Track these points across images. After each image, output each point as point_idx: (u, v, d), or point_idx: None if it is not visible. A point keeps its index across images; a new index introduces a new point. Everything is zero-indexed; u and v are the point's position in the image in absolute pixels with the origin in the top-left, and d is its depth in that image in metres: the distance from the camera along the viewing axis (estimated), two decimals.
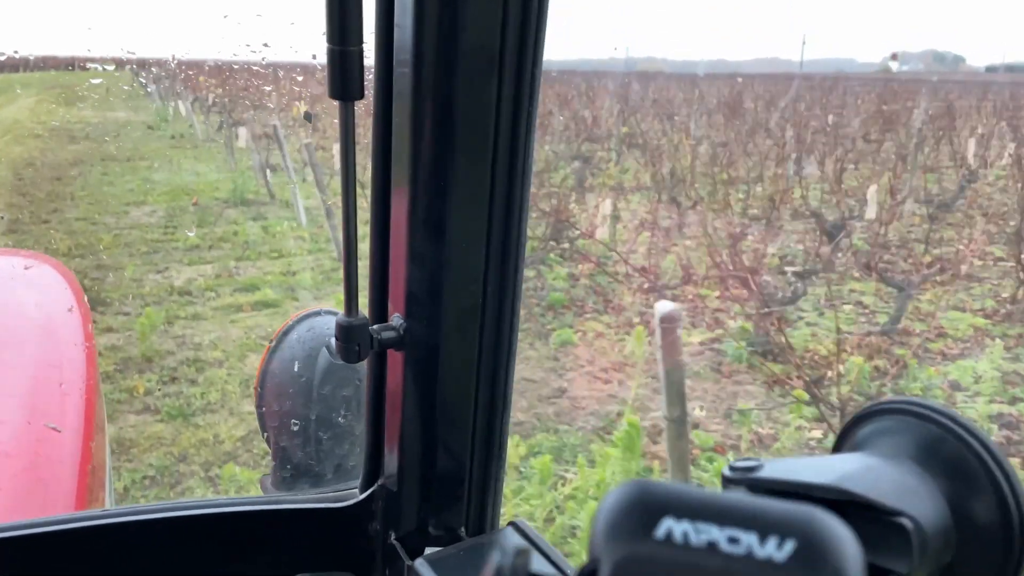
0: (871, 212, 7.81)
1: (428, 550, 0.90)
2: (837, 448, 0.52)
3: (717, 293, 6.46)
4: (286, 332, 1.03)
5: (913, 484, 0.45)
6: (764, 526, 0.30)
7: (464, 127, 0.73)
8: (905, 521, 0.42)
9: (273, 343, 1.03)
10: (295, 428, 0.99)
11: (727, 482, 0.46)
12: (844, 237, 6.70)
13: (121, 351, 5.33)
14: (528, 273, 6.65)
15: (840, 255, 6.83)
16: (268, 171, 9.60)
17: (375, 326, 0.82)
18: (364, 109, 0.82)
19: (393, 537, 0.92)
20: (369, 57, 0.72)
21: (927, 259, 7.08)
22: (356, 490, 0.94)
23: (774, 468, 0.47)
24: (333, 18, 0.67)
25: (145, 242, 7.88)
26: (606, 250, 7.27)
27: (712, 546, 0.29)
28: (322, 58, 0.70)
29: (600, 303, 6.58)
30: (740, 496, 0.32)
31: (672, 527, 0.30)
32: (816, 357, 5.49)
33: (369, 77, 0.73)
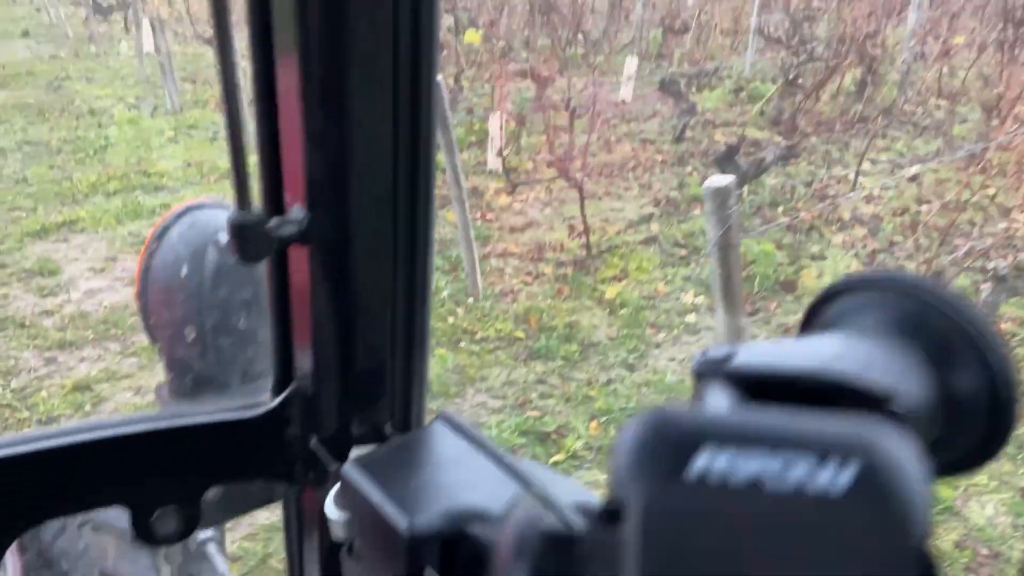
0: None
1: (353, 451, 0.86)
2: (804, 328, 0.48)
3: None
4: (164, 229, 0.90)
5: (901, 363, 0.42)
6: (821, 448, 0.26)
7: None
8: (898, 403, 0.39)
9: (151, 243, 0.90)
10: (190, 338, 0.89)
11: (700, 376, 0.41)
12: None
13: None
14: None
15: None
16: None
17: (272, 221, 0.73)
18: None
19: (315, 441, 0.87)
20: None
21: None
22: (267, 397, 0.87)
23: (750, 355, 0.43)
24: None
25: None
26: None
27: (755, 485, 0.26)
28: None
29: None
30: (779, 416, 0.28)
31: (709, 461, 0.26)
32: None
33: None
